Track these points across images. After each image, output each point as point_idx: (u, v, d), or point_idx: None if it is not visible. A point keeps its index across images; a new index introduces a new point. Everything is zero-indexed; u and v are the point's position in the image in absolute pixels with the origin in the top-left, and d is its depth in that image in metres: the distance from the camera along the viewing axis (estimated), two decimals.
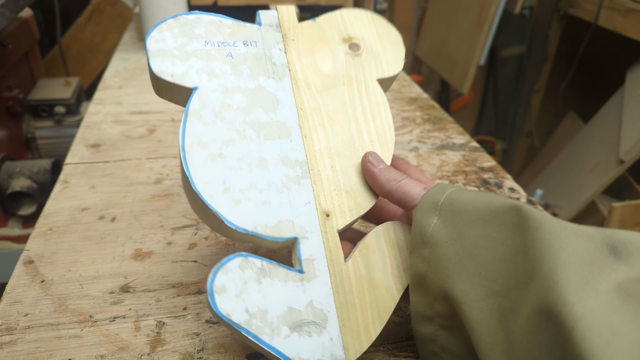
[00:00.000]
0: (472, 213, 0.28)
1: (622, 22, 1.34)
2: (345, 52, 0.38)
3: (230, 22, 0.37)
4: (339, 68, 0.37)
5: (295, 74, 0.36)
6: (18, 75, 1.12)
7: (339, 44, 0.38)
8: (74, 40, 1.48)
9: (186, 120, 0.32)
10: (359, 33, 0.39)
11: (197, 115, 0.32)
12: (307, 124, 0.34)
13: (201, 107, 0.33)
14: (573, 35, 1.73)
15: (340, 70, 0.37)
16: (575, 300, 0.20)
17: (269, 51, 0.36)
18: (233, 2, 1.02)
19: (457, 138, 0.65)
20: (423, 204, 0.30)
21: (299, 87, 0.36)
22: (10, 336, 0.34)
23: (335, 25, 0.39)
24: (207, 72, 0.34)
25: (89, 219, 0.47)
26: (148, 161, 0.57)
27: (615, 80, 1.47)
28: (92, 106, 0.70)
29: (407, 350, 0.35)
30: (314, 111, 0.35)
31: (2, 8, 0.84)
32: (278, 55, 0.36)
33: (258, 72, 0.35)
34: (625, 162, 1.25)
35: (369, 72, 0.38)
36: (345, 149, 0.35)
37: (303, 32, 0.38)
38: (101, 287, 0.39)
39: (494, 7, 1.33)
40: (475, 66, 1.42)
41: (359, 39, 0.38)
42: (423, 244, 0.29)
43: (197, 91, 0.33)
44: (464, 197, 0.29)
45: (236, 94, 0.34)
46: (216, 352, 0.34)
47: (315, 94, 0.36)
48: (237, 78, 0.34)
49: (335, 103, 0.36)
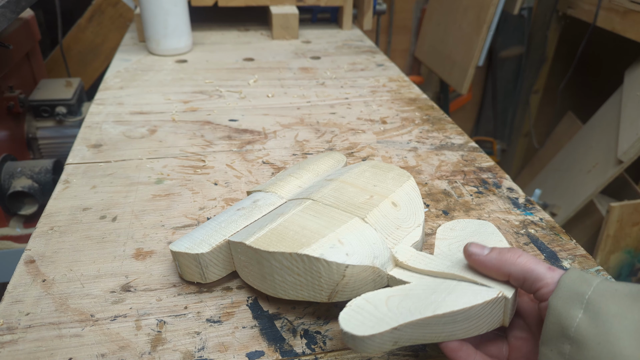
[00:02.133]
0: (632, 324, 0.25)
1: (621, 23, 1.34)
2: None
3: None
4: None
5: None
6: (19, 75, 1.12)
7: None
8: (75, 41, 1.48)
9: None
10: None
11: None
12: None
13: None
14: (571, 36, 1.74)
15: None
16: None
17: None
18: (233, 2, 1.03)
19: (456, 138, 0.65)
20: (563, 291, 0.27)
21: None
22: (12, 335, 0.35)
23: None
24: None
25: (90, 219, 0.47)
26: (149, 161, 0.57)
27: (614, 81, 1.48)
28: (94, 106, 0.70)
29: (406, 349, 0.35)
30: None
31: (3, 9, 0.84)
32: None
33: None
34: (624, 162, 1.26)
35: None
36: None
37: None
38: (102, 286, 0.39)
39: (493, 8, 1.34)
40: (474, 67, 1.43)
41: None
42: (563, 338, 0.26)
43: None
44: (619, 298, 0.26)
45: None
46: (216, 350, 0.34)
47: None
48: None
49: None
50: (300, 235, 0.35)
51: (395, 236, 0.37)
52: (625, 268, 1.34)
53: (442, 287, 0.32)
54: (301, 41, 1.03)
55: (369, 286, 0.35)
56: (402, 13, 1.83)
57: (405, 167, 0.58)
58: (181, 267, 0.39)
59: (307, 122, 0.68)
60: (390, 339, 0.30)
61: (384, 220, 0.37)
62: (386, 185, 0.41)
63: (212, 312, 0.37)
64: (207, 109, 0.71)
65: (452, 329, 0.30)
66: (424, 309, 0.30)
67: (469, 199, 0.53)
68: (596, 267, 0.43)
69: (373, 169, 0.44)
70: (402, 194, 0.40)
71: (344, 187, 0.41)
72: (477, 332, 0.31)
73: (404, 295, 0.32)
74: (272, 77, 0.83)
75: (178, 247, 0.38)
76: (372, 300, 0.31)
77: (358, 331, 0.29)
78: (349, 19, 1.11)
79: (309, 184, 0.45)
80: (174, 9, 0.87)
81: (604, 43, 1.61)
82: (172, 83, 0.80)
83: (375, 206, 0.38)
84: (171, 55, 0.91)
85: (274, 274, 0.35)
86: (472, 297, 0.30)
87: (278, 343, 0.35)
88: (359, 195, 0.40)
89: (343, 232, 0.35)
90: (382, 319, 0.30)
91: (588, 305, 0.26)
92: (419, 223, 0.39)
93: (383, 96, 0.78)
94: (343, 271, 0.33)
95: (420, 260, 0.35)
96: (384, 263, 0.35)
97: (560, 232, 0.48)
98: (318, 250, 0.33)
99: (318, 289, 0.34)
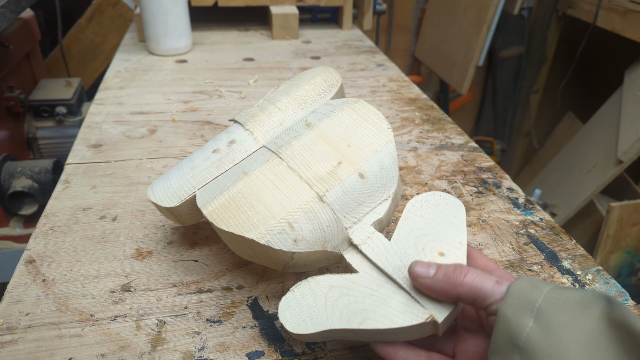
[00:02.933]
0: (582, 333, 0.24)
1: (621, 23, 1.34)
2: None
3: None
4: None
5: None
6: (19, 75, 1.12)
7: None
8: (75, 41, 1.49)
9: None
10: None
11: None
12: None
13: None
14: (571, 36, 1.74)
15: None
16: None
17: None
18: (233, 2, 1.03)
19: (456, 138, 0.65)
20: (513, 299, 0.26)
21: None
22: (12, 335, 0.35)
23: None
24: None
25: (90, 219, 0.47)
26: (149, 161, 0.57)
27: (614, 81, 1.48)
28: (93, 106, 0.70)
29: None
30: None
31: (3, 9, 0.84)
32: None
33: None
34: (624, 162, 1.26)
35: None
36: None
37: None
38: (102, 286, 0.39)
39: (493, 8, 1.34)
40: (474, 67, 1.43)
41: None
42: (512, 347, 0.25)
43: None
44: (569, 306, 0.26)
45: None
46: (216, 350, 0.34)
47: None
48: None
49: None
50: (254, 211, 0.35)
51: (356, 213, 0.36)
52: (625, 268, 1.34)
53: (381, 291, 0.32)
54: (301, 41, 1.03)
55: (321, 263, 0.36)
56: (402, 13, 1.83)
57: (405, 167, 0.58)
58: (158, 209, 0.42)
59: None
60: (320, 337, 0.32)
61: (345, 197, 0.36)
62: (361, 145, 0.38)
63: (212, 312, 0.37)
64: (207, 109, 0.71)
65: (380, 337, 0.31)
66: (353, 318, 0.30)
67: (469, 199, 0.53)
68: (596, 267, 0.43)
69: (355, 114, 0.40)
70: (375, 162, 0.37)
71: (316, 143, 0.39)
72: (406, 338, 0.31)
73: (345, 289, 0.32)
74: (272, 77, 0.83)
75: (153, 195, 0.41)
76: (315, 289, 0.32)
77: (291, 328, 0.31)
78: (349, 19, 1.12)
79: (291, 120, 0.43)
80: (174, 9, 0.87)
81: (604, 43, 1.61)
82: (172, 83, 0.80)
83: (338, 181, 0.36)
84: (171, 55, 0.91)
85: (232, 240, 0.37)
86: (401, 318, 0.29)
87: (278, 343, 0.35)
88: (328, 159, 0.37)
89: (296, 213, 0.34)
90: (315, 317, 0.31)
91: (539, 314, 0.25)
92: (387, 196, 0.37)
93: (383, 96, 0.78)
94: (291, 256, 0.34)
95: (374, 247, 0.34)
96: (336, 245, 0.35)
97: (560, 232, 0.48)
98: (265, 236, 0.33)
99: (271, 262, 0.36)
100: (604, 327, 0.24)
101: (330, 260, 0.36)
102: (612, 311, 0.24)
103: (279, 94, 0.46)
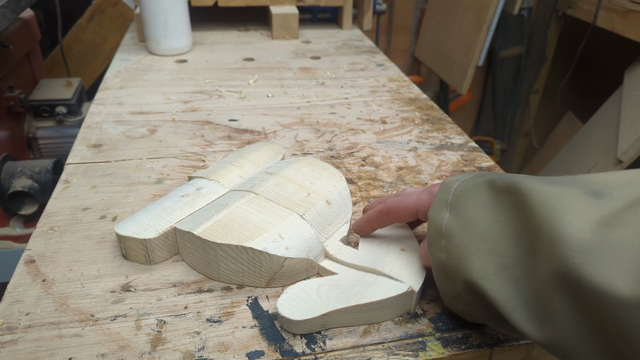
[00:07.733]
0: (479, 205, 0.32)
1: (620, 23, 1.34)
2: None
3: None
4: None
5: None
6: (19, 75, 1.12)
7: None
8: (75, 41, 1.48)
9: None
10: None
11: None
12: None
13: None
14: (571, 36, 1.74)
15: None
16: (575, 240, 0.25)
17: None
18: (233, 2, 1.03)
19: (456, 138, 0.66)
20: (435, 204, 0.35)
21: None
22: (12, 335, 0.35)
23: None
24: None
25: (90, 219, 0.47)
26: (149, 161, 0.57)
27: (614, 81, 1.48)
28: (94, 106, 0.70)
29: (405, 349, 0.35)
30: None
31: (3, 9, 0.84)
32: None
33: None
34: (624, 162, 1.26)
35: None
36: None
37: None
38: (102, 286, 0.39)
39: (493, 8, 1.34)
40: (474, 67, 1.43)
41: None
42: (439, 236, 0.34)
43: None
44: (468, 191, 0.33)
45: None
46: (216, 350, 0.34)
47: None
48: None
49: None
50: (245, 229, 0.39)
51: (327, 231, 0.42)
52: None
53: (364, 280, 0.38)
54: (301, 41, 1.03)
55: (302, 274, 0.40)
56: (402, 13, 1.83)
57: (405, 167, 0.58)
58: (126, 249, 0.41)
59: (307, 122, 0.68)
60: (320, 323, 0.35)
61: (319, 217, 0.42)
62: (322, 183, 0.46)
63: (212, 312, 0.37)
64: (207, 109, 0.71)
65: (371, 315, 0.36)
66: (349, 298, 0.36)
67: None
68: None
69: (310, 166, 0.48)
70: (335, 194, 0.45)
71: (284, 182, 0.45)
72: (389, 317, 0.37)
73: (333, 285, 0.37)
74: (272, 77, 0.83)
75: (124, 230, 0.40)
76: (306, 289, 0.37)
77: (294, 316, 0.34)
78: (349, 19, 1.12)
79: (249, 174, 0.49)
80: (174, 9, 0.87)
81: (604, 43, 1.61)
82: (172, 83, 0.80)
83: (312, 205, 0.42)
84: (171, 55, 0.91)
85: (218, 261, 0.39)
86: (388, 290, 0.36)
87: (278, 343, 0.35)
88: (298, 192, 0.44)
89: (284, 227, 0.39)
90: (314, 306, 0.35)
91: (451, 206, 0.34)
92: (347, 220, 0.45)
93: (383, 96, 0.78)
94: (282, 262, 0.38)
95: (347, 254, 0.41)
96: (316, 255, 0.40)
97: None
98: (261, 244, 0.37)
99: (258, 276, 0.39)
100: (491, 193, 0.32)
101: (310, 272, 0.41)
102: (495, 180, 0.32)
103: (231, 158, 0.52)
